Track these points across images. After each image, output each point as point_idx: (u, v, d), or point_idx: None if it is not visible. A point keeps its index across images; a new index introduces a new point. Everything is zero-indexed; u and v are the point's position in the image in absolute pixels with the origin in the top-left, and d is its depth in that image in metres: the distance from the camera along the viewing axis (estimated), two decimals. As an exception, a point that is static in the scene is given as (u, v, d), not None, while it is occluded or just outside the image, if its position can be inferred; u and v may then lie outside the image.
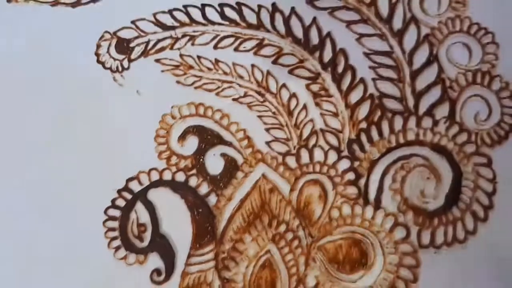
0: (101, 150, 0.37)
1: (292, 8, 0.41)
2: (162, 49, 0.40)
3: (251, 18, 0.41)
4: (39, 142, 0.38)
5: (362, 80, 0.38)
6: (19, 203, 0.37)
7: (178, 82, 0.39)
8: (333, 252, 0.35)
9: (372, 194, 0.36)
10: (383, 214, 0.35)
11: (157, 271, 0.35)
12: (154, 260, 0.35)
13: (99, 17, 0.41)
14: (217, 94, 0.38)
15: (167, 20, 0.41)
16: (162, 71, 0.39)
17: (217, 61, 0.39)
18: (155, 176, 0.37)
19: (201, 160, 0.37)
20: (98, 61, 0.40)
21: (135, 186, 0.36)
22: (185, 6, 0.41)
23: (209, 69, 0.39)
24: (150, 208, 0.36)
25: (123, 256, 0.35)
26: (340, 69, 0.39)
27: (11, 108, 0.39)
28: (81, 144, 0.37)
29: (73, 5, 0.41)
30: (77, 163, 0.37)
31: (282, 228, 0.35)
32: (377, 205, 0.36)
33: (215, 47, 0.40)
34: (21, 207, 0.36)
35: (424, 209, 0.35)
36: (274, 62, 0.39)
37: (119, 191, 0.36)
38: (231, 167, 0.37)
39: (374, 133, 0.37)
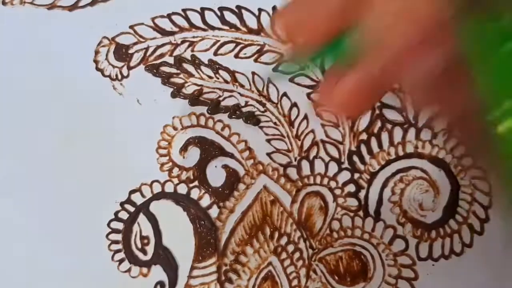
0: (103, 162, 0.37)
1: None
2: (162, 55, 0.39)
3: (252, 22, 0.40)
4: (39, 155, 0.37)
5: (363, 90, 0.38)
6: (22, 217, 0.37)
7: (178, 91, 0.38)
8: (334, 264, 0.36)
9: (372, 207, 0.36)
10: (382, 226, 0.36)
11: (160, 284, 0.35)
12: (158, 273, 0.36)
13: (97, 21, 0.40)
14: (218, 103, 0.38)
15: (166, 25, 0.40)
16: (162, 79, 0.39)
17: (217, 69, 0.39)
18: (157, 188, 0.37)
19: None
20: (97, 68, 0.39)
21: (138, 199, 0.37)
22: (184, 10, 0.41)
23: (210, 77, 0.39)
24: (153, 220, 0.36)
25: (127, 269, 0.36)
26: (341, 78, 0.39)
27: (6, 118, 0.38)
28: (82, 156, 0.37)
29: (70, 8, 0.41)
30: (79, 176, 0.37)
31: (284, 240, 0.36)
32: (377, 217, 0.36)
33: (215, 53, 0.40)
34: (23, 221, 0.36)
35: (422, 222, 0.36)
36: (275, 69, 0.39)
37: (121, 204, 0.37)
38: (232, 178, 0.37)
39: (374, 145, 0.37)
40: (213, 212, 0.36)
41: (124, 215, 0.36)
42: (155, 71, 0.39)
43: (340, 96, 0.23)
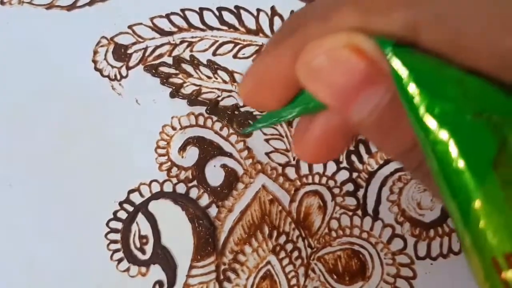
0: (102, 162, 0.37)
1: (292, 12, 0.41)
2: (160, 55, 0.39)
3: (250, 22, 0.40)
4: (37, 155, 0.37)
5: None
6: (20, 216, 0.37)
7: (177, 91, 0.38)
8: (332, 263, 0.36)
9: (370, 206, 0.36)
10: (381, 225, 0.36)
11: (159, 283, 0.35)
12: (156, 272, 0.36)
13: (95, 21, 0.40)
14: (216, 103, 0.38)
15: (164, 25, 0.40)
16: (161, 79, 0.39)
17: (216, 69, 0.39)
18: (156, 188, 0.37)
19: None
20: (96, 69, 0.39)
21: (136, 198, 0.37)
22: (182, 10, 0.41)
23: (208, 77, 0.39)
24: (152, 220, 0.36)
25: (125, 269, 0.36)
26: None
27: (5, 118, 0.38)
28: (81, 156, 0.37)
29: (69, 8, 0.41)
30: (77, 176, 0.37)
31: (282, 239, 0.36)
32: (375, 217, 0.36)
33: (214, 53, 0.40)
34: (21, 220, 0.36)
35: (421, 221, 0.36)
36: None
37: (120, 203, 0.37)
38: (231, 178, 0.37)
39: (372, 144, 0.37)
40: (212, 211, 0.37)
41: (123, 215, 0.36)
42: (154, 71, 0.39)
43: (308, 149, 0.23)
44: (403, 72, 0.17)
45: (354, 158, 0.37)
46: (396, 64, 0.17)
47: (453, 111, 0.16)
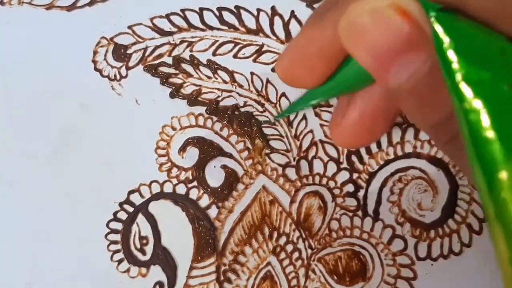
0: (102, 163, 0.37)
1: (292, 12, 0.41)
2: (160, 56, 0.39)
3: (250, 22, 0.40)
4: (38, 154, 0.37)
5: (361, 90, 0.38)
6: (20, 216, 0.37)
7: (177, 91, 0.38)
8: (333, 264, 0.36)
9: (370, 206, 0.36)
10: (381, 226, 0.36)
11: (159, 284, 0.35)
12: (157, 273, 0.36)
13: (95, 22, 0.40)
14: (217, 103, 0.38)
15: (164, 25, 0.40)
16: (161, 79, 0.39)
17: (216, 69, 0.39)
18: (156, 189, 0.37)
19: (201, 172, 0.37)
20: (96, 69, 0.39)
21: (137, 199, 0.37)
22: (182, 10, 0.41)
23: (208, 77, 0.39)
24: (152, 220, 0.36)
25: (126, 269, 0.36)
26: (339, 78, 0.39)
27: (4, 119, 0.38)
28: (80, 157, 0.37)
29: (68, 8, 0.40)
30: (77, 176, 0.37)
31: (283, 240, 0.36)
32: (376, 217, 0.36)
33: (214, 53, 0.40)
34: (21, 221, 0.36)
35: (421, 222, 0.36)
36: (274, 69, 0.39)
37: (120, 204, 0.37)
38: (231, 179, 0.37)
39: (373, 145, 0.37)
40: (212, 212, 0.37)
41: (123, 216, 0.36)
42: (153, 71, 0.39)
43: (346, 133, 0.22)
44: (444, 37, 0.17)
45: (354, 158, 0.37)
46: (438, 29, 0.17)
47: (490, 80, 0.16)
